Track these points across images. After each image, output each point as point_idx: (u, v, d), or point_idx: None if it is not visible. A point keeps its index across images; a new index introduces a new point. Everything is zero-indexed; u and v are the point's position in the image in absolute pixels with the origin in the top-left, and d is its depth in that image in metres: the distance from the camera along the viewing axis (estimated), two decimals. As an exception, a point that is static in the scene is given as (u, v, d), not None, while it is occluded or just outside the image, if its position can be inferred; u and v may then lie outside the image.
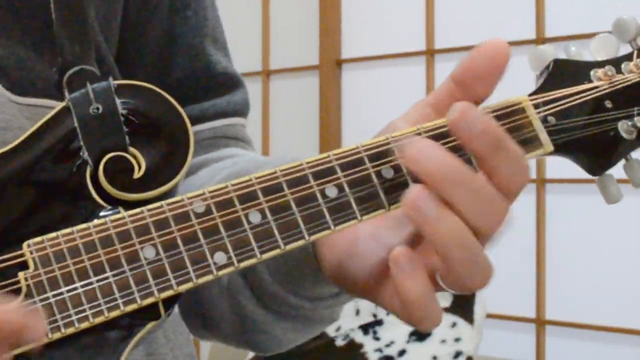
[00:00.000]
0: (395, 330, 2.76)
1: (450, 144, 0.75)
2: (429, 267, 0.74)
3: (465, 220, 0.72)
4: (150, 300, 0.73)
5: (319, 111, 3.49)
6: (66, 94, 0.80)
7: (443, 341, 2.68)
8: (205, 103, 1.08)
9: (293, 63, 3.62)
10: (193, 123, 1.05)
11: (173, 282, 0.74)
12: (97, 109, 0.79)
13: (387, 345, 2.75)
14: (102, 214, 0.76)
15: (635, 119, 0.82)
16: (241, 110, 1.11)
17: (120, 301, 0.73)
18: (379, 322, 2.81)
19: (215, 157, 1.05)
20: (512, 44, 2.95)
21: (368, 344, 2.78)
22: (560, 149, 0.80)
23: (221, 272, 0.74)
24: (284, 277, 0.89)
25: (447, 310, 2.70)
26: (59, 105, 0.80)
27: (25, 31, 0.91)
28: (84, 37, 0.89)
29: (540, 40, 2.93)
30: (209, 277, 0.74)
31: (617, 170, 0.83)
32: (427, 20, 3.22)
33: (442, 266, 0.73)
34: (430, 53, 3.20)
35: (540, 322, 2.98)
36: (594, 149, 0.81)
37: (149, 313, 0.75)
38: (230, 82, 1.10)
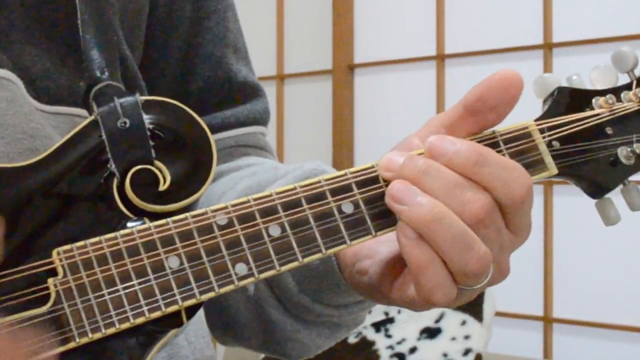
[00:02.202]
0: (406, 328, 2.76)
1: None
2: None
3: (442, 254, 0.74)
4: (174, 308, 0.74)
5: (332, 114, 3.49)
6: (94, 107, 0.81)
7: (453, 338, 2.68)
8: (226, 112, 1.09)
9: (307, 68, 3.61)
10: (215, 131, 1.06)
11: (196, 291, 0.74)
12: (125, 123, 0.80)
13: (399, 343, 2.75)
14: (128, 224, 0.77)
15: (634, 145, 0.84)
16: (262, 119, 1.12)
17: (145, 308, 0.74)
18: (390, 320, 2.81)
19: (234, 167, 1.06)
20: (520, 49, 2.96)
21: (380, 342, 2.78)
22: (564, 172, 0.82)
23: (242, 283, 0.75)
24: (309, 288, 0.90)
25: (457, 308, 2.70)
26: (87, 119, 0.80)
27: (51, 41, 0.91)
28: (110, 49, 0.90)
29: (547, 45, 2.93)
30: (230, 287, 0.75)
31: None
32: (437, 26, 3.21)
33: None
34: (440, 58, 3.20)
35: (547, 320, 2.98)
36: (595, 173, 0.83)
37: (172, 320, 0.76)
38: (251, 92, 1.11)
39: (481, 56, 3.08)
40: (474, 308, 2.71)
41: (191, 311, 0.76)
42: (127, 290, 0.74)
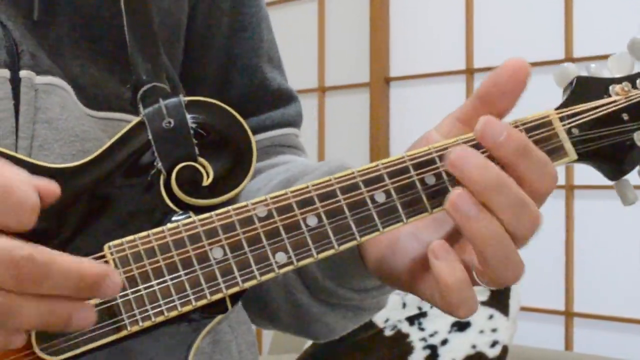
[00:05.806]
0: (438, 322, 2.75)
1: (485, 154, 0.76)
2: (465, 263, 0.75)
3: (501, 222, 0.73)
4: (218, 296, 0.74)
5: (369, 124, 3.49)
6: (141, 109, 0.81)
7: (481, 331, 2.66)
8: (262, 116, 1.08)
9: (346, 81, 3.61)
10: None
11: (239, 279, 0.74)
12: (169, 123, 0.79)
13: (431, 335, 2.74)
14: (174, 218, 0.77)
15: None
16: (295, 122, 1.11)
17: (192, 297, 0.73)
18: (423, 314, 2.80)
19: (270, 164, 1.05)
20: (543, 63, 2.93)
21: (414, 334, 2.77)
22: (583, 157, 0.80)
23: (282, 270, 0.75)
24: (333, 273, 0.89)
25: (484, 303, 2.69)
26: (134, 120, 0.80)
27: (98, 53, 0.91)
28: (155, 57, 0.90)
29: (569, 59, 2.90)
30: (271, 275, 0.74)
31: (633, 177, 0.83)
32: (467, 42, 3.20)
33: (479, 261, 0.74)
34: (470, 72, 3.19)
35: (569, 315, 2.96)
36: (613, 157, 0.81)
37: (217, 307, 0.75)
38: (285, 97, 1.11)
39: (507, 70, 3.07)
40: (500, 303, 2.70)
41: (235, 298, 0.76)
42: (174, 281, 0.73)
